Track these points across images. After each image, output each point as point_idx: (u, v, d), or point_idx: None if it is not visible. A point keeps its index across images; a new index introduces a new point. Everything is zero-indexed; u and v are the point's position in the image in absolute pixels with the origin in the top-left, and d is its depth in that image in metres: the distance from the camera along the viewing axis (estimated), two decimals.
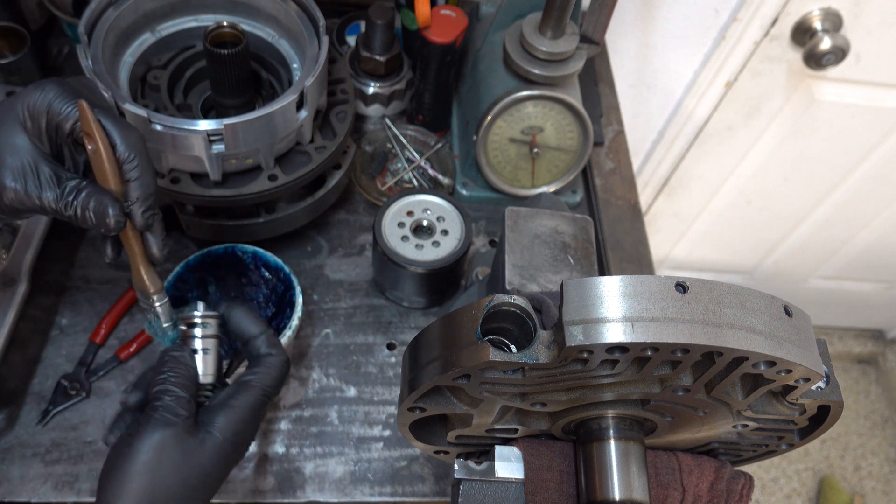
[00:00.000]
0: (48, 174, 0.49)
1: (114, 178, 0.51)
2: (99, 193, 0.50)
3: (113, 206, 0.50)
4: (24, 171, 0.49)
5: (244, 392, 0.55)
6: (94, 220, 0.50)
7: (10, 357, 0.78)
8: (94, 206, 0.49)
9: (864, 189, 1.58)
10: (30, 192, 0.49)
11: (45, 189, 0.49)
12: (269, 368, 0.57)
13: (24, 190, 0.48)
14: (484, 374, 0.43)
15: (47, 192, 0.49)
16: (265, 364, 0.57)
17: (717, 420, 0.49)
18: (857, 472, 2.09)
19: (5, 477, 0.73)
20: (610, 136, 1.12)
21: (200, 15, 0.83)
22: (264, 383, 0.56)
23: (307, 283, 0.90)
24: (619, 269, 0.98)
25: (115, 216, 0.50)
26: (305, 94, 0.73)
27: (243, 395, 0.55)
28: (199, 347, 0.57)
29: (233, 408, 0.54)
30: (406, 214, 0.84)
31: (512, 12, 0.93)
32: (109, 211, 0.50)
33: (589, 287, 0.40)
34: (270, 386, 0.57)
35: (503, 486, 0.52)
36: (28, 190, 0.49)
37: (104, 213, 0.50)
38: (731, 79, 1.27)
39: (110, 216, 0.50)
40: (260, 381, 0.56)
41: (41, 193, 0.49)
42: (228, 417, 0.54)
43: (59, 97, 0.50)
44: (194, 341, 0.57)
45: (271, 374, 0.57)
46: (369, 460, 0.80)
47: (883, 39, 1.21)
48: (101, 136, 0.49)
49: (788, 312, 0.41)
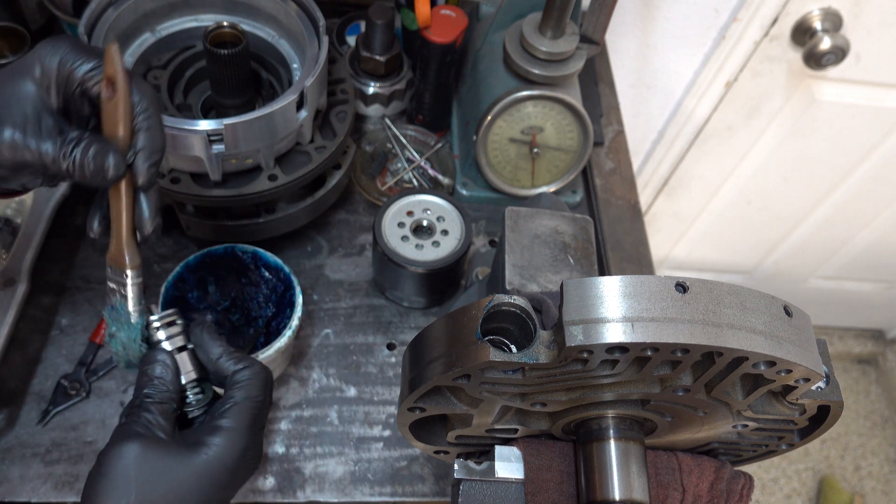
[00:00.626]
0: (50, 125, 0.47)
1: (125, 126, 0.48)
2: (100, 141, 0.48)
3: (114, 153, 0.48)
4: (25, 120, 0.47)
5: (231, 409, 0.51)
6: (93, 167, 0.47)
7: (10, 357, 0.78)
8: (94, 153, 0.47)
9: (864, 189, 1.58)
10: (28, 142, 0.46)
11: (45, 139, 0.47)
12: (248, 381, 0.53)
13: (23, 140, 0.46)
14: (484, 374, 0.43)
15: (47, 142, 0.47)
16: (240, 380, 0.53)
17: (717, 420, 0.49)
18: (857, 472, 2.09)
19: (5, 477, 0.73)
20: (610, 136, 1.12)
21: (200, 15, 0.83)
22: (248, 395, 0.52)
23: (307, 283, 0.90)
24: (619, 269, 0.98)
25: (116, 163, 0.48)
26: (305, 94, 0.73)
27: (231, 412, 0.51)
28: (169, 348, 0.54)
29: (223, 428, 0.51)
30: (406, 214, 0.84)
31: (512, 12, 0.93)
32: (110, 158, 0.48)
33: (589, 287, 0.40)
34: (257, 396, 0.53)
35: (503, 486, 0.52)
36: (27, 140, 0.46)
37: (103, 161, 0.47)
38: (731, 79, 1.27)
39: (110, 163, 0.48)
40: (244, 395, 0.52)
41: (40, 145, 0.47)
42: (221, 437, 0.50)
43: (73, 49, 0.49)
44: (163, 344, 0.54)
45: (253, 384, 0.53)
46: (369, 460, 0.80)
47: (883, 39, 1.21)
48: (124, 79, 0.48)
49: (788, 312, 0.41)
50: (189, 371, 0.54)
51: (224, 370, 0.54)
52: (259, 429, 0.53)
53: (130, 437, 0.49)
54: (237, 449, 0.50)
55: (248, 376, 0.53)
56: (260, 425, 0.53)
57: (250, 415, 0.52)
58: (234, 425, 0.51)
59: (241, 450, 0.51)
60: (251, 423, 0.52)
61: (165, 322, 0.54)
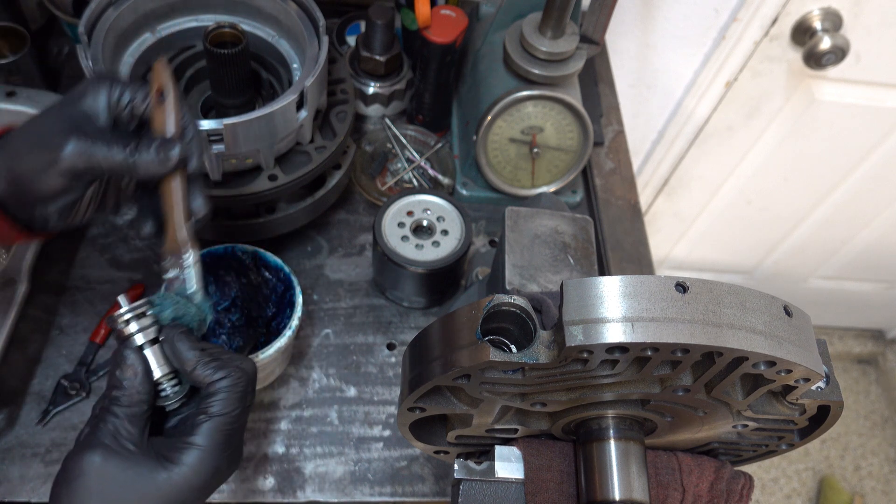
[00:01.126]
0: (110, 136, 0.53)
1: (178, 125, 0.55)
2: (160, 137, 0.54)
3: (175, 143, 0.54)
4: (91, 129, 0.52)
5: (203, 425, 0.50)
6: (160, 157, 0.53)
7: (10, 357, 0.78)
8: (158, 145, 0.53)
9: (864, 189, 1.58)
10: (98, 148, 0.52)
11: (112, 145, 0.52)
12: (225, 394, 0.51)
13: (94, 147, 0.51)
14: (484, 374, 0.43)
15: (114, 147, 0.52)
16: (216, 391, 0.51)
17: (717, 420, 0.49)
18: (857, 472, 2.09)
19: (5, 477, 0.73)
20: (610, 136, 1.12)
21: (200, 15, 0.83)
22: (222, 410, 0.50)
23: (307, 283, 0.90)
24: (619, 269, 0.98)
25: (179, 150, 0.54)
26: (305, 94, 0.73)
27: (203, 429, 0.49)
28: (141, 342, 0.52)
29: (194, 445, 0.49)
30: (406, 214, 0.84)
31: (512, 12, 0.93)
32: (174, 147, 0.53)
33: (589, 287, 0.40)
34: (231, 409, 0.51)
35: (503, 486, 0.52)
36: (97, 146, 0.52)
37: (168, 149, 0.53)
38: (731, 79, 1.27)
39: (174, 151, 0.53)
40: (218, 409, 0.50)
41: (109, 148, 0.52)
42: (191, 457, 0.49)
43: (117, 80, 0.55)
44: (134, 339, 0.52)
45: (229, 398, 0.51)
46: (369, 460, 0.80)
47: (883, 39, 1.21)
48: (174, 85, 0.55)
49: (788, 312, 0.41)
50: (162, 364, 0.52)
51: (200, 381, 0.51)
52: (235, 442, 0.52)
53: (94, 446, 0.48)
54: (207, 469, 0.49)
55: (225, 387, 0.51)
56: (236, 439, 0.52)
57: (224, 433, 0.50)
58: (206, 444, 0.49)
59: (212, 469, 0.49)
60: (224, 441, 0.50)
61: (136, 314, 0.52)
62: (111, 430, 0.49)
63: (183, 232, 0.55)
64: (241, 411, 0.51)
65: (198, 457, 0.49)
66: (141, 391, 0.50)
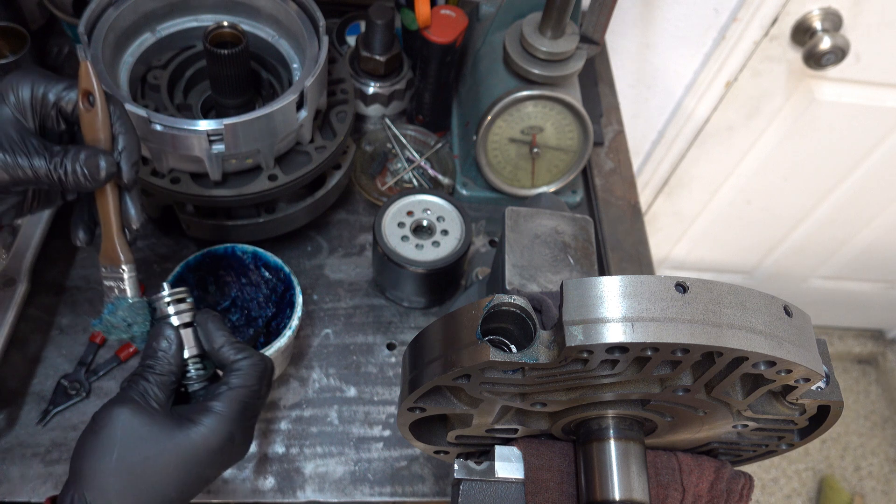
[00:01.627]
0: (35, 143, 0.51)
1: (105, 133, 0.53)
2: (87, 148, 0.52)
3: (105, 155, 0.52)
4: (11, 142, 0.50)
5: (224, 394, 0.53)
6: (86, 171, 0.51)
7: (10, 357, 0.78)
8: (85, 158, 0.51)
9: (864, 189, 1.58)
10: (19, 161, 0.50)
11: (35, 156, 0.50)
12: (246, 370, 0.54)
13: (14, 160, 0.49)
14: (484, 374, 0.43)
15: (36, 158, 0.50)
16: (238, 368, 0.54)
17: (717, 420, 0.49)
18: (857, 472, 2.09)
19: (5, 477, 0.73)
20: (610, 136, 1.12)
21: (200, 15, 0.83)
22: (243, 383, 0.54)
23: (307, 283, 0.90)
24: (619, 269, 0.98)
25: (108, 164, 0.52)
26: (305, 94, 0.73)
27: (223, 397, 0.53)
28: (176, 323, 0.56)
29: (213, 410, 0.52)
30: (406, 214, 0.84)
31: (512, 12, 0.93)
32: (101, 161, 0.51)
33: (589, 287, 0.40)
34: (252, 385, 0.54)
35: (503, 486, 0.52)
36: (17, 160, 0.50)
37: (96, 163, 0.51)
38: (731, 79, 1.27)
39: (101, 165, 0.51)
40: (239, 382, 0.54)
41: (31, 161, 0.50)
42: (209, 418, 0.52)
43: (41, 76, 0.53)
44: (171, 318, 0.56)
45: (249, 374, 0.54)
46: (369, 460, 0.80)
47: (883, 39, 1.21)
48: (100, 91, 0.52)
49: (788, 312, 0.41)
50: (192, 346, 0.56)
51: (225, 358, 0.55)
52: (249, 417, 0.55)
53: (124, 401, 0.51)
54: (223, 433, 0.52)
55: (247, 365, 0.55)
56: (251, 414, 0.55)
57: (241, 402, 0.53)
58: (223, 410, 0.52)
59: (227, 434, 0.52)
60: (241, 410, 0.53)
61: (176, 298, 0.56)
62: (141, 390, 0.52)
63: (116, 248, 0.55)
64: (259, 389, 0.55)
65: (215, 419, 0.52)
66: (172, 363, 0.54)
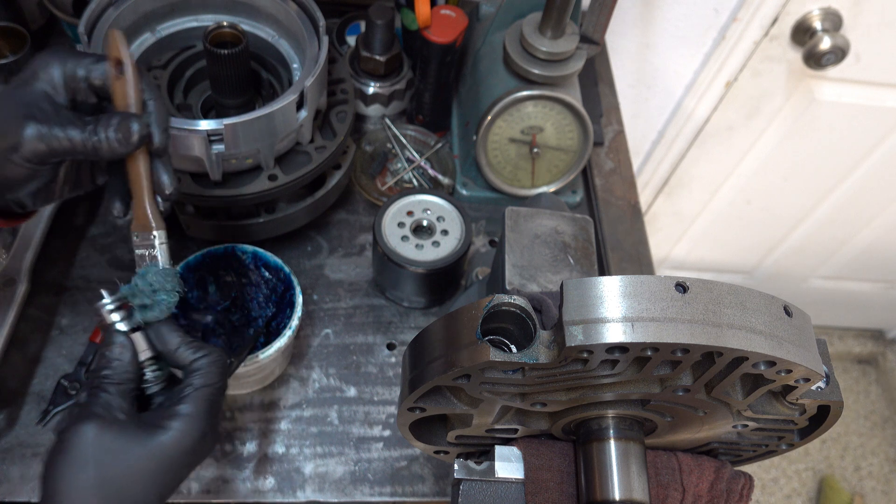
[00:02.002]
0: (69, 115, 0.52)
1: (137, 98, 0.54)
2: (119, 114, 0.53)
3: (136, 119, 0.53)
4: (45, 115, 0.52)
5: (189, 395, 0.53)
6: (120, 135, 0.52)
7: (10, 357, 0.78)
8: (118, 124, 0.52)
9: (864, 189, 1.58)
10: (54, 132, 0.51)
11: (69, 126, 0.52)
12: (206, 368, 0.54)
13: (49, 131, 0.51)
14: (484, 374, 0.43)
15: (71, 128, 0.52)
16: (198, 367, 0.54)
17: (717, 420, 0.49)
18: (857, 472, 2.09)
19: (5, 477, 0.73)
20: (610, 136, 1.12)
21: (200, 15, 0.83)
22: (205, 382, 0.54)
23: (307, 283, 0.90)
24: (619, 269, 0.98)
25: (140, 127, 0.53)
26: (305, 94, 0.73)
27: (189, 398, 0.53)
28: (124, 328, 0.54)
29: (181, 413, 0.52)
30: (406, 214, 0.84)
31: (512, 12, 0.93)
32: (133, 124, 0.52)
33: (589, 287, 0.40)
34: (216, 382, 0.54)
35: (503, 486, 0.52)
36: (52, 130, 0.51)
37: (128, 127, 0.52)
38: (731, 79, 1.27)
39: (134, 129, 0.52)
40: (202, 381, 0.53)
41: (66, 131, 0.51)
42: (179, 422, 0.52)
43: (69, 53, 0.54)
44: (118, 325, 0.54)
45: (210, 371, 0.54)
46: (369, 460, 0.80)
47: (883, 39, 1.21)
48: (129, 56, 0.53)
49: (788, 312, 0.41)
50: (145, 349, 0.55)
51: (183, 360, 0.54)
52: (216, 413, 0.55)
53: (89, 417, 0.50)
54: (195, 433, 0.52)
55: (206, 364, 0.54)
56: (217, 410, 0.55)
57: (208, 401, 0.53)
58: (192, 411, 0.52)
59: (199, 434, 0.52)
60: (209, 409, 0.53)
61: (118, 304, 0.54)
62: (103, 402, 0.51)
63: (148, 214, 0.56)
64: (221, 385, 0.55)
65: (185, 421, 0.51)
66: (129, 369, 0.53)
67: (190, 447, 0.52)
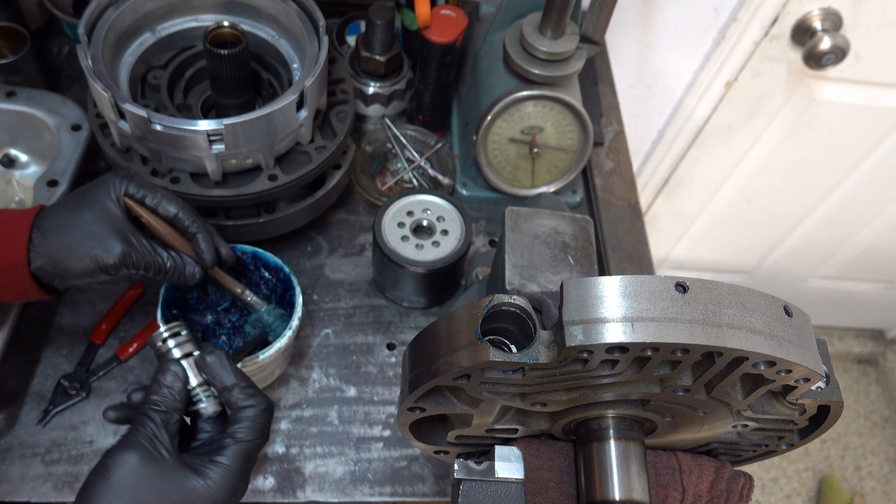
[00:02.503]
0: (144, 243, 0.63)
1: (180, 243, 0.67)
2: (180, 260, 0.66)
3: (191, 266, 0.67)
4: (127, 239, 0.62)
5: (230, 448, 0.55)
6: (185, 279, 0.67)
7: (10, 357, 0.78)
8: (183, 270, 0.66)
9: (864, 189, 1.58)
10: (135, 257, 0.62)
11: (145, 254, 0.63)
12: (252, 422, 0.56)
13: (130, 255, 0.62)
14: (484, 374, 0.43)
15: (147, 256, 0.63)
16: (245, 418, 0.56)
17: (717, 420, 0.49)
18: (857, 472, 2.09)
19: (5, 477, 0.73)
20: (610, 136, 1.12)
21: (200, 15, 0.83)
22: (248, 437, 0.56)
23: (307, 283, 0.90)
24: (619, 269, 0.98)
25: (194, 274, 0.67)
26: (305, 94, 0.73)
27: (230, 451, 0.55)
28: (178, 355, 0.58)
29: (220, 464, 0.54)
30: (406, 214, 0.84)
31: (512, 12, 0.93)
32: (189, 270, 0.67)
33: (589, 287, 0.40)
34: (255, 438, 0.56)
35: (503, 486, 0.52)
36: (134, 256, 0.62)
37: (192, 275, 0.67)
38: (731, 79, 1.27)
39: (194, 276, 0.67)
40: (244, 436, 0.56)
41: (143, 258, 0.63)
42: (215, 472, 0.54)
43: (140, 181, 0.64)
44: (172, 353, 0.58)
45: (254, 427, 0.56)
46: (369, 460, 0.80)
47: (883, 39, 1.21)
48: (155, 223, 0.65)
49: (788, 312, 0.41)
50: (196, 375, 0.58)
51: (234, 402, 0.57)
52: (251, 468, 0.57)
53: (134, 447, 0.52)
54: (228, 487, 0.54)
55: (253, 416, 0.56)
56: (252, 464, 0.57)
57: (247, 457, 0.55)
58: (230, 464, 0.54)
59: (231, 489, 0.54)
60: (245, 464, 0.55)
61: (172, 332, 0.59)
62: (148, 433, 0.53)
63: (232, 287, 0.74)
64: (261, 442, 0.57)
65: (223, 475, 0.54)
66: (177, 399, 0.56)
67: (221, 499, 0.53)
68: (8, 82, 0.87)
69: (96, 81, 0.69)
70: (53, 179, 0.80)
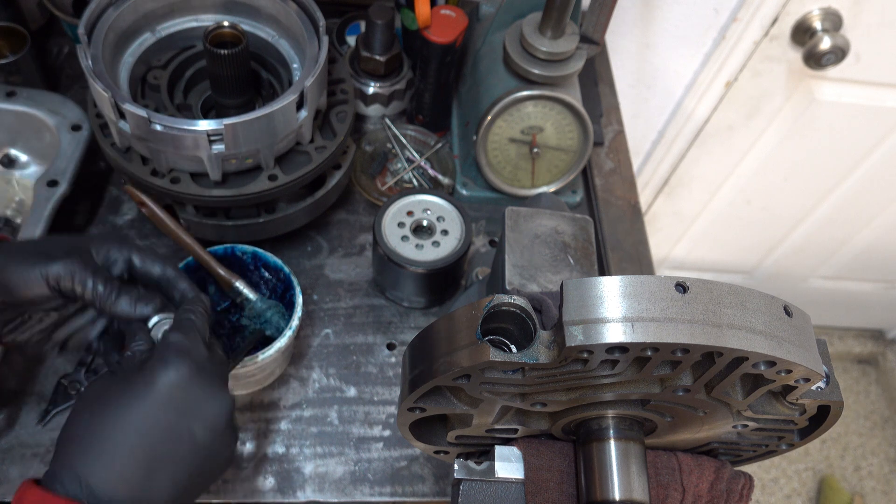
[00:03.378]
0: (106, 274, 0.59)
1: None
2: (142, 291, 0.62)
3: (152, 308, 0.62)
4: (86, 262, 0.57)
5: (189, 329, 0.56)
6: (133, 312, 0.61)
7: (10, 357, 0.78)
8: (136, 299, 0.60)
9: (864, 189, 1.58)
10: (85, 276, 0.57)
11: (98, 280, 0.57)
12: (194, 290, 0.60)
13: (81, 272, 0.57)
14: (484, 374, 0.43)
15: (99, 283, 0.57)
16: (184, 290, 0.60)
17: (717, 420, 0.49)
18: (857, 472, 2.09)
19: (5, 477, 0.73)
20: (610, 136, 1.12)
21: (200, 15, 0.83)
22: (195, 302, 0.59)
23: (307, 283, 0.90)
24: (619, 269, 0.98)
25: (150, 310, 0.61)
26: (305, 94, 0.73)
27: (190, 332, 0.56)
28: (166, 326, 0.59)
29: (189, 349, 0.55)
30: (406, 214, 0.84)
31: (512, 12, 0.93)
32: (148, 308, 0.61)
33: (589, 287, 0.40)
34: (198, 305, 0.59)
35: (503, 486, 0.52)
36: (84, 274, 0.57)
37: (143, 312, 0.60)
38: (731, 79, 1.27)
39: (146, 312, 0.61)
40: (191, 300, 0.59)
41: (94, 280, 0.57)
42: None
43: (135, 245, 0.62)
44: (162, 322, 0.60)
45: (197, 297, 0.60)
46: (369, 460, 0.80)
47: (883, 39, 1.21)
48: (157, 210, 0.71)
49: (788, 312, 0.41)
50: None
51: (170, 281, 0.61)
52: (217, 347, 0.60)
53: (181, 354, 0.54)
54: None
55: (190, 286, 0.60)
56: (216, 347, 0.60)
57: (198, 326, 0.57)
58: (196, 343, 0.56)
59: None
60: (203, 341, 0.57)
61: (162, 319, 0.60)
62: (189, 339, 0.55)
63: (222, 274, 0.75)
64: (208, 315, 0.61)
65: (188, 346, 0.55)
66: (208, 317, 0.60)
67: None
68: (8, 82, 0.87)
69: (96, 81, 0.69)
70: (53, 179, 0.80)
